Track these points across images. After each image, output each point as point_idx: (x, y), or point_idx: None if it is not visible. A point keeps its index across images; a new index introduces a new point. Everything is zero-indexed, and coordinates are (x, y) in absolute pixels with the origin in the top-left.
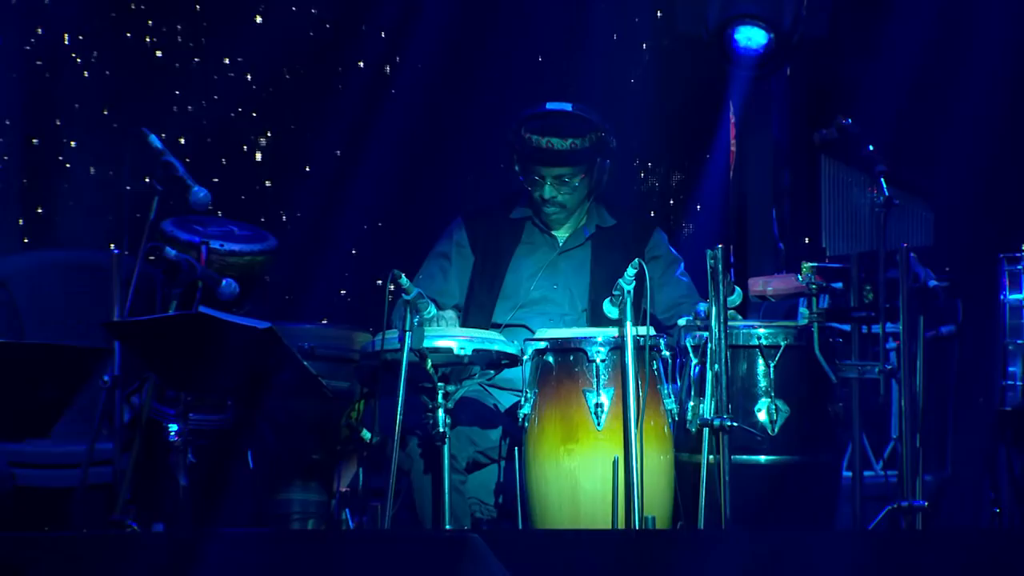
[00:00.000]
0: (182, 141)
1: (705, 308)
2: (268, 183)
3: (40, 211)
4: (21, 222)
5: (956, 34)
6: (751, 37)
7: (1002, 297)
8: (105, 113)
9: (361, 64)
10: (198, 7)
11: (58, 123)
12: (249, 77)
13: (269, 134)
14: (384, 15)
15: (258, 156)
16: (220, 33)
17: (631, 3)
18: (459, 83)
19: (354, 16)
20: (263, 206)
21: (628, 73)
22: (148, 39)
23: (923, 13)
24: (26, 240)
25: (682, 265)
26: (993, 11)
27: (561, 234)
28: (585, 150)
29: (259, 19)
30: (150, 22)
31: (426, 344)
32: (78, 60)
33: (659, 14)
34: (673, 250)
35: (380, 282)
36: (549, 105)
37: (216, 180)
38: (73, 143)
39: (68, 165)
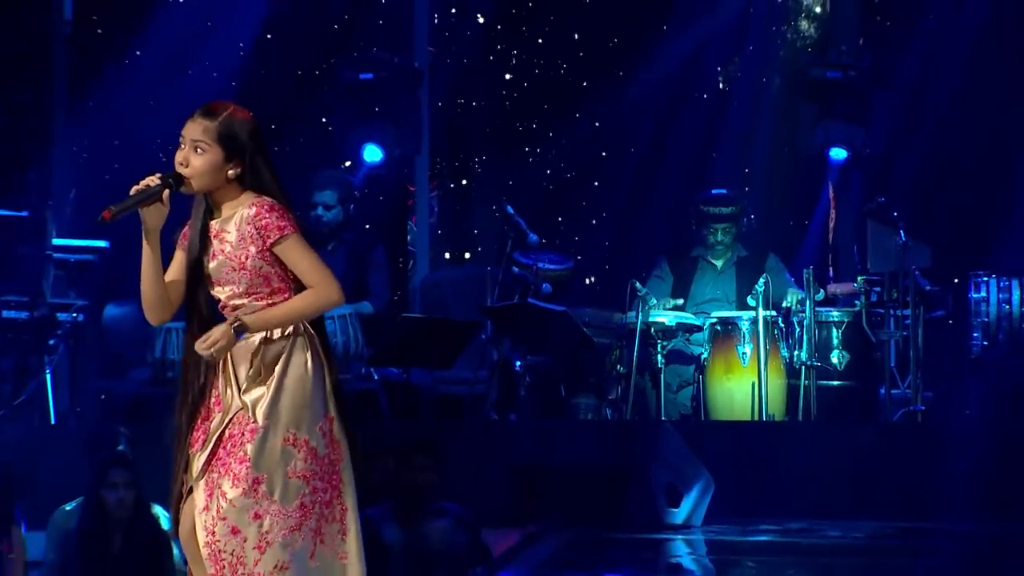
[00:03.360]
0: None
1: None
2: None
3: (459, 241)
4: (447, 255)
5: (950, 144)
6: (838, 153)
7: (971, 295)
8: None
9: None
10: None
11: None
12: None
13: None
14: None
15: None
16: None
17: (777, 134)
18: (671, 169)
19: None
20: (567, 238)
21: (773, 170)
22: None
23: (933, 142)
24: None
25: (787, 271)
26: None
27: (719, 263)
28: (735, 213)
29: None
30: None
31: (651, 319)
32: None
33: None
34: (780, 263)
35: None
36: (714, 191)
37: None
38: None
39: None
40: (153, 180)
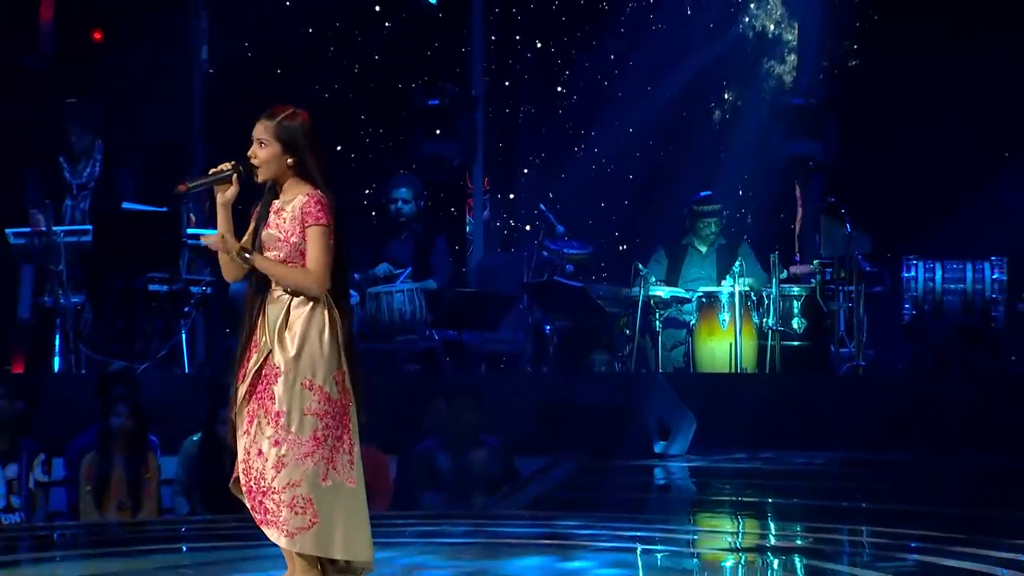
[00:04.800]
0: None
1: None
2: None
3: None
4: (497, 242)
5: (889, 155)
6: (802, 163)
7: (903, 275)
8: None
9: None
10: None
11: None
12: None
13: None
14: None
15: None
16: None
17: (759, 145)
18: (669, 177)
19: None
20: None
21: (753, 175)
22: None
23: (875, 154)
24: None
25: (754, 256)
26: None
27: (704, 249)
28: (718, 209)
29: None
30: None
31: (651, 292)
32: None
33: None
34: (750, 248)
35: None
36: (702, 193)
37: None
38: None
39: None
40: (226, 165)
